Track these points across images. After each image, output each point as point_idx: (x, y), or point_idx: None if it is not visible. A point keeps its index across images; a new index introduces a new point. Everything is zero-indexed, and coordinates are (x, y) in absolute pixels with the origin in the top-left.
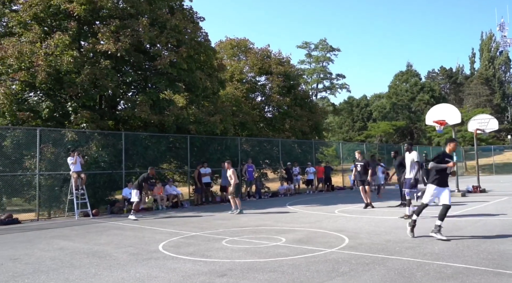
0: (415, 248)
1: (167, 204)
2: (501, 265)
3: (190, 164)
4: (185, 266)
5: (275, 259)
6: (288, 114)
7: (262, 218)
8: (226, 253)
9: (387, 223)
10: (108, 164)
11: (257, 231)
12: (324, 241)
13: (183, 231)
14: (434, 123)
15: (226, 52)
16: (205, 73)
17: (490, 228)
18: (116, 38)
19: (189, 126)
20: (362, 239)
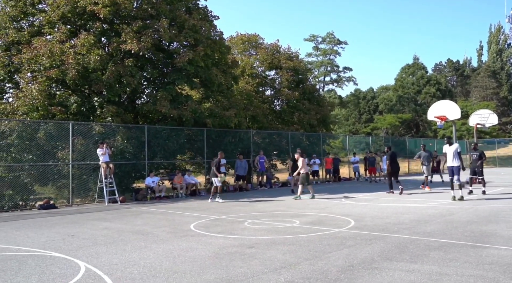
0: (411, 229)
1: (186, 192)
2: (480, 240)
3: (206, 155)
4: (218, 241)
5: (292, 236)
6: (296, 107)
7: (276, 205)
8: (250, 231)
9: (389, 210)
10: (132, 154)
11: (274, 215)
12: (333, 223)
13: (207, 215)
14: (435, 119)
15: (237, 47)
16: (219, 69)
17: (479, 213)
18: (139, 38)
19: (205, 120)
20: (366, 221)
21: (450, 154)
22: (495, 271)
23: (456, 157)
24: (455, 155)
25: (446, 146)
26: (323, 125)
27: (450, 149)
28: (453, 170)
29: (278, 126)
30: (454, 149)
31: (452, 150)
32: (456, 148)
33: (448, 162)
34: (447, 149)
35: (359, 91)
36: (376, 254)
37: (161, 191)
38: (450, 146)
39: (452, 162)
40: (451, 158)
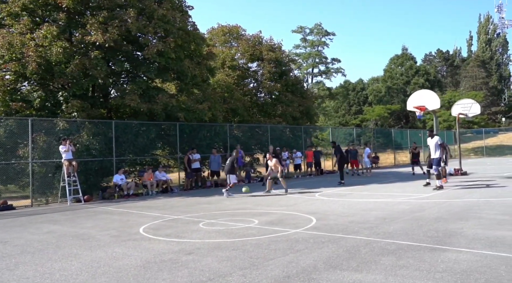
0: (372, 228)
1: (157, 190)
2: (441, 242)
3: (180, 150)
4: (158, 246)
5: (242, 239)
6: (279, 99)
7: (245, 202)
8: (199, 234)
9: (359, 206)
10: (99, 151)
11: (235, 214)
12: (293, 222)
13: (167, 215)
14: (414, 109)
15: (218, 39)
16: (194, 61)
17: (451, 209)
18: (105, 29)
19: (178, 114)
20: (329, 220)
21: (432, 146)
22: (445, 282)
23: (437, 149)
24: (437, 147)
25: (429, 139)
26: (307, 118)
27: (432, 141)
28: (432, 161)
29: (260, 119)
30: (435, 141)
31: (433, 142)
32: (437, 140)
33: (431, 154)
34: (429, 141)
35: (349, 82)
36: (322, 261)
37: (129, 189)
38: (432, 138)
39: (434, 154)
40: (433, 150)
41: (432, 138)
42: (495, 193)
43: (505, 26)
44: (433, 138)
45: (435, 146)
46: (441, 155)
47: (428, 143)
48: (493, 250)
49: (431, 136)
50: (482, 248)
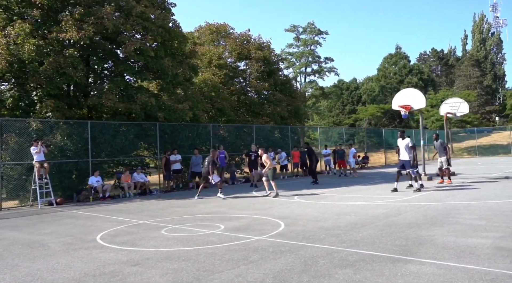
0: (340, 236)
1: (134, 192)
2: (407, 251)
3: (160, 151)
4: (107, 255)
5: (198, 247)
6: (267, 99)
7: (220, 205)
8: (156, 242)
9: (334, 209)
10: (73, 153)
11: (205, 218)
12: (260, 228)
13: (133, 220)
14: (399, 108)
15: (205, 37)
16: (176, 60)
17: (428, 213)
18: (80, 26)
19: (157, 114)
20: (298, 225)
21: (402, 148)
22: None
23: (407, 151)
24: (407, 149)
25: (399, 140)
26: (295, 117)
27: (402, 143)
28: (404, 164)
29: (247, 119)
30: (406, 143)
31: (404, 144)
32: (407, 142)
33: (401, 156)
34: (400, 143)
35: (343, 82)
36: (272, 275)
37: (105, 191)
38: (403, 140)
39: (404, 156)
40: (403, 152)
41: (403, 139)
42: (478, 195)
43: (500, 25)
44: (404, 139)
45: (406, 148)
46: (412, 157)
47: (399, 144)
48: (460, 261)
49: (402, 137)
50: (449, 259)
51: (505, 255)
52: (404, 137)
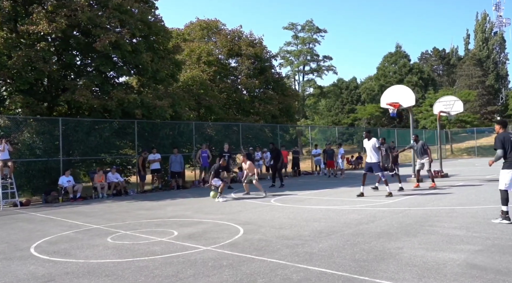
0: (297, 247)
1: (108, 193)
2: (364, 269)
3: (138, 150)
4: (26, 269)
5: (133, 259)
6: (258, 97)
7: (187, 208)
8: (93, 251)
9: (306, 215)
10: (43, 151)
11: (163, 223)
12: (215, 236)
13: (88, 224)
14: (388, 106)
15: (195, 34)
16: (157, 55)
17: (405, 220)
18: (52, 19)
19: (134, 111)
20: (257, 233)
21: (369, 149)
22: None
23: (374, 153)
24: (374, 150)
25: (365, 141)
26: (287, 116)
27: (368, 143)
28: (372, 166)
29: (237, 117)
30: (372, 143)
31: (370, 145)
32: (374, 143)
33: (367, 158)
34: (366, 143)
35: (342, 81)
36: None
37: (76, 191)
38: (369, 140)
39: (371, 158)
40: (370, 154)
41: (369, 140)
42: (465, 200)
43: (503, 25)
44: (370, 140)
45: (372, 149)
46: (379, 159)
47: (365, 145)
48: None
49: (368, 138)
50: (409, 280)
51: (476, 275)
52: (370, 138)
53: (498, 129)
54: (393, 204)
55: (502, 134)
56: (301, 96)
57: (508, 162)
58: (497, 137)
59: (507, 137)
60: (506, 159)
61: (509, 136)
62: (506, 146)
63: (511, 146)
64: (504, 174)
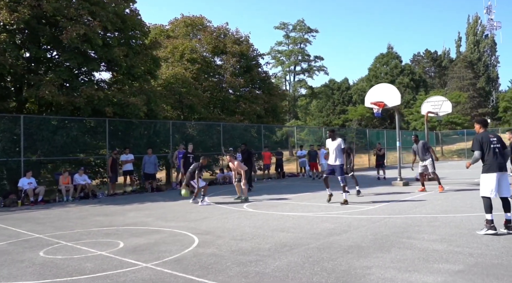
0: (249, 265)
1: (74, 196)
2: None
3: (108, 150)
4: None
5: (52, 280)
6: (243, 96)
7: (151, 214)
8: (13, 269)
9: (275, 223)
10: (1, 151)
11: (113, 232)
12: (163, 249)
13: (31, 232)
14: (372, 105)
15: (179, 30)
16: (133, 51)
17: (381, 230)
18: (14, 8)
19: (105, 108)
20: (211, 246)
21: (332, 150)
22: None
23: (338, 154)
24: (338, 151)
25: (329, 141)
26: (273, 116)
27: (332, 144)
28: (334, 169)
29: (220, 116)
30: (336, 144)
31: (334, 146)
32: (339, 143)
33: (330, 160)
34: (329, 144)
35: (334, 81)
36: None
37: (38, 194)
38: (333, 141)
39: (335, 160)
40: (333, 156)
41: (334, 140)
42: (450, 206)
43: (494, 28)
44: (334, 141)
45: (337, 150)
46: (343, 161)
47: (328, 146)
48: None
49: (332, 138)
50: None
51: None
52: (335, 138)
53: (478, 128)
54: (373, 211)
55: (481, 134)
56: (292, 96)
57: (487, 165)
58: (475, 137)
59: (486, 138)
60: (485, 162)
61: (488, 136)
62: (485, 148)
63: (490, 147)
64: (485, 178)
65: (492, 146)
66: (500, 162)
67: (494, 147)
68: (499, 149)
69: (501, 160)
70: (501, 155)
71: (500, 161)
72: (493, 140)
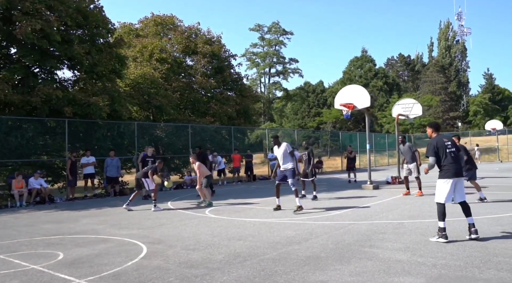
0: (193, 280)
1: (29, 201)
2: None
3: (68, 152)
4: None
5: None
6: (214, 97)
7: (105, 221)
8: None
9: (233, 230)
10: None
11: (57, 242)
12: (105, 261)
13: None
14: (341, 107)
15: (149, 29)
16: (95, 48)
17: (345, 238)
18: None
19: (64, 108)
20: (158, 258)
21: (280, 156)
22: None
23: (288, 159)
24: (286, 156)
25: (275, 148)
26: (244, 118)
27: (279, 151)
28: (286, 174)
29: (190, 118)
30: (283, 150)
31: (281, 152)
32: (285, 148)
33: (281, 166)
34: (276, 151)
35: (309, 84)
36: None
37: None
38: (279, 147)
39: (285, 164)
40: (281, 161)
41: (279, 146)
42: (417, 211)
43: (464, 34)
44: (280, 146)
45: (284, 156)
46: (294, 165)
47: (275, 153)
48: None
49: (277, 144)
50: None
51: None
52: (279, 144)
53: (430, 133)
54: (338, 217)
55: (436, 138)
56: (267, 98)
57: (444, 171)
58: (429, 142)
59: (441, 142)
60: (442, 167)
61: (443, 141)
62: (440, 153)
63: (446, 152)
64: (440, 184)
65: (447, 150)
66: (457, 167)
67: (450, 152)
68: (454, 153)
69: (458, 165)
70: (457, 159)
71: (457, 167)
72: (447, 144)
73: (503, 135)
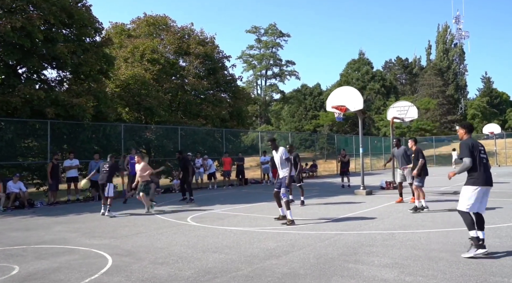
0: None
1: (6, 205)
2: None
3: (50, 155)
4: None
5: None
6: (207, 99)
7: (78, 228)
8: None
9: (211, 241)
10: None
11: (18, 252)
12: (62, 277)
13: None
14: (333, 109)
15: (141, 29)
16: (80, 47)
17: (330, 251)
18: None
19: (46, 109)
20: (121, 273)
21: (277, 161)
22: None
23: (284, 165)
24: (283, 162)
25: (274, 152)
26: (237, 120)
27: (277, 156)
28: (281, 182)
29: (182, 120)
30: (280, 155)
31: (278, 157)
32: (282, 153)
33: (280, 173)
34: (275, 155)
35: (306, 86)
36: None
37: None
38: (277, 152)
39: (282, 171)
40: (279, 167)
41: (277, 151)
42: (409, 220)
43: (462, 37)
44: (278, 152)
45: (281, 162)
46: (287, 172)
47: (274, 158)
48: None
49: (275, 148)
50: None
51: None
52: (277, 148)
53: (462, 134)
54: (325, 226)
55: (470, 140)
56: (263, 100)
57: (474, 178)
58: (463, 143)
59: (476, 144)
60: (471, 173)
61: (478, 144)
62: (476, 155)
63: (480, 156)
64: (468, 191)
65: (481, 155)
66: (488, 175)
67: (482, 158)
68: (486, 159)
69: (489, 173)
70: (488, 167)
71: (488, 174)
72: (481, 149)
73: (501, 139)
